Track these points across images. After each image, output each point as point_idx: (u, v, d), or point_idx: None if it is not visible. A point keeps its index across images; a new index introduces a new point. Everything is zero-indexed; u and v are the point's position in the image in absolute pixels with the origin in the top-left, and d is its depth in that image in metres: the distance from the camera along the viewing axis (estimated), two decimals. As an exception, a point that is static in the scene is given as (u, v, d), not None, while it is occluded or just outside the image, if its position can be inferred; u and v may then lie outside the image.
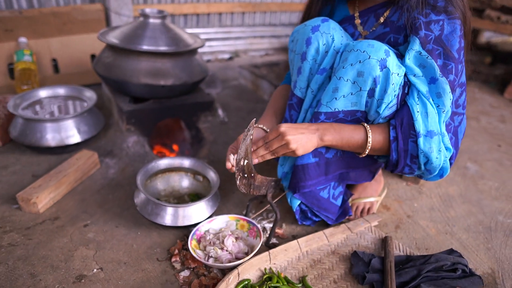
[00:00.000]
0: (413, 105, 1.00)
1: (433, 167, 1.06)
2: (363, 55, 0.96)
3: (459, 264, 1.03)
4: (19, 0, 2.07)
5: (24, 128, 1.43)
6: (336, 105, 1.03)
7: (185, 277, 1.03)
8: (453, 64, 1.00)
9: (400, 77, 0.98)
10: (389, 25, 1.09)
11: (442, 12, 1.00)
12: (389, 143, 1.05)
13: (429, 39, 1.00)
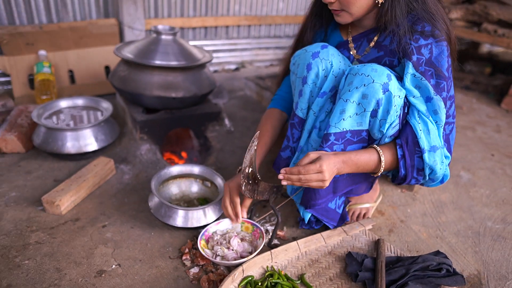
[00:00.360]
0: (416, 124, 1.10)
1: (436, 177, 1.17)
2: (367, 79, 1.07)
3: (444, 264, 1.13)
4: (39, 15, 2.21)
5: (47, 136, 1.56)
6: (344, 125, 1.14)
7: (194, 273, 1.14)
8: (444, 82, 1.11)
9: (401, 99, 1.08)
10: (383, 49, 1.20)
11: (429, 36, 1.11)
12: (397, 161, 1.15)
13: (421, 62, 1.10)
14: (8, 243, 1.20)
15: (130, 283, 1.10)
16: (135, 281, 1.11)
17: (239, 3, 2.86)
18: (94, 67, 2.37)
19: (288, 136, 1.31)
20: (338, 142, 1.14)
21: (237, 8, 2.87)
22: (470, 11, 3.03)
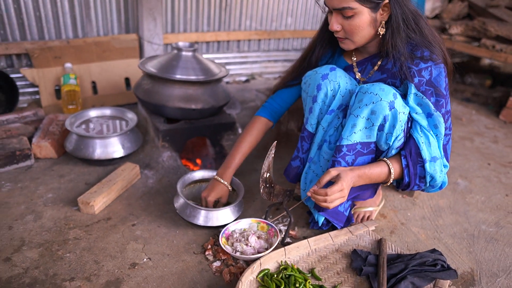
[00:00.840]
0: (418, 137, 1.25)
1: (436, 184, 1.32)
2: (375, 97, 1.22)
3: (439, 260, 1.26)
4: (67, 31, 2.38)
5: (78, 143, 1.72)
6: (355, 138, 1.28)
7: (217, 267, 1.29)
8: (443, 99, 1.26)
9: (405, 115, 1.23)
10: (386, 72, 1.35)
11: (428, 60, 1.26)
12: (403, 170, 1.30)
13: (422, 83, 1.25)
14: (50, 238, 1.35)
15: (160, 274, 1.24)
16: (164, 273, 1.25)
17: (250, 19, 3.03)
18: (115, 79, 2.53)
19: (298, 147, 1.46)
20: (350, 153, 1.29)
21: (248, 23, 3.05)
22: (470, 27, 3.18)
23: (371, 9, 1.25)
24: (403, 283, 1.20)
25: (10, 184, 1.61)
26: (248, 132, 1.53)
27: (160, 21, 2.51)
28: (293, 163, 1.49)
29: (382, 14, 1.27)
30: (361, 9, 1.23)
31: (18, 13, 2.18)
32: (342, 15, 1.26)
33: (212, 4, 2.81)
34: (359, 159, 1.30)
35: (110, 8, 2.46)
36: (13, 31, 2.21)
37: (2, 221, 1.40)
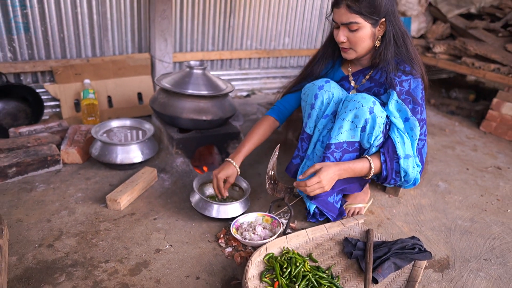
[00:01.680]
0: (395, 138, 1.51)
1: (409, 179, 1.57)
2: (358, 104, 1.47)
3: (417, 245, 1.50)
4: (86, 51, 2.63)
5: (103, 149, 1.94)
6: (341, 137, 1.53)
7: (229, 252, 1.51)
8: (418, 107, 1.52)
9: (383, 118, 1.49)
10: (374, 81, 1.62)
11: (409, 74, 1.53)
12: (381, 165, 1.55)
13: (402, 92, 1.51)
14: (84, 229, 1.57)
15: (181, 258, 1.46)
16: (184, 257, 1.47)
17: (250, 39, 3.31)
18: (129, 94, 2.78)
19: (298, 147, 1.71)
20: (337, 150, 1.53)
21: (249, 43, 3.32)
22: (452, 46, 3.47)
23: (372, 24, 1.52)
24: (386, 263, 1.42)
25: (44, 185, 1.83)
26: (258, 127, 1.77)
27: (171, 41, 2.77)
28: (294, 161, 1.73)
29: (379, 30, 1.55)
30: (365, 24, 1.51)
31: (44, 35, 2.43)
32: (349, 28, 1.53)
33: (217, 26, 3.08)
34: (346, 156, 1.55)
35: (126, 30, 2.72)
36: (39, 51, 2.45)
37: (41, 216, 1.62)
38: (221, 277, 1.39)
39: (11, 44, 2.35)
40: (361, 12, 1.47)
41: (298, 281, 1.33)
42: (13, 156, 1.85)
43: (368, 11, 1.47)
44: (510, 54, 3.18)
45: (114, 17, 2.63)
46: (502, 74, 3.10)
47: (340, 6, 1.50)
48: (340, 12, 1.50)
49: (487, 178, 2.35)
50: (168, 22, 2.70)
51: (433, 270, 1.55)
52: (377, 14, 1.49)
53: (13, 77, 2.43)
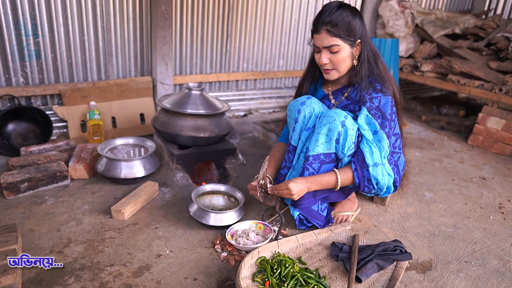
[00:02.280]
0: (364, 148, 1.65)
1: (381, 186, 1.69)
2: (331, 118, 1.63)
3: (398, 247, 1.61)
4: (92, 74, 2.82)
5: (108, 165, 2.09)
6: (318, 150, 1.68)
7: (224, 256, 1.63)
8: (387, 122, 1.66)
9: (354, 131, 1.64)
10: (350, 99, 1.78)
11: (379, 91, 1.69)
12: (353, 174, 1.69)
13: (372, 107, 1.67)
14: (90, 237, 1.70)
15: (180, 262, 1.58)
16: (183, 261, 1.59)
17: (247, 62, 3.50)
18: (132, 115, 2.95)
19: (286, 159, 1.85)
20: (316, 162, 1.69)
21: (245, 66, 3.51)
22: (438, 65, 3.66)
23: (350, 45, 1.70)
24: (369, 264, 1.54)
25: (53, 199, 1.97)
26: (275, 152, 1.96)
27: (171, 65, 2.96)
28: (282, 172, 1.87)
29: (356, 50, 1.72)
30: (344, 45, 1.68)
31: (54, 61, 2.62)
32: (330, 51, 1.70)
33: (214, 50, 3.28)
34: (324, 166, 1.70)
35: (129, 55, 2.91)
36: (49, 75, 2.64)
37: (51, 226, 1.75)
38: (216, 278, 1.51)
39: (24, 70, 2.54)
40: (340, 35, 1.65)
41: (287, 280, 1.44)
42: (24, 172, 2.00)
43: (346, 33, 1.65)
44: (493, 71, 3.35)
45: (118, 43, 2.83)
46: (486, 90, 3.27)
47: (321, 32, 1.67)
48: (321, 37, 1.68)
49: (471, 188, 2.48)
50: (169, 47, 2.89)
51: (416, 271, 1.66)
52: (354, 36, 1.67)
53: (25, 100, 2.60)
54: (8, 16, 2.38)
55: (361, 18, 1.70)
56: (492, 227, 2.05)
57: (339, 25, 1.64)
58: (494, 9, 4.93)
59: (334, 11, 1.64)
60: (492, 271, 1.69)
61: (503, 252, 1.83)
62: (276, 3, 3.47)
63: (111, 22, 2.75)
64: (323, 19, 1.66)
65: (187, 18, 3.06)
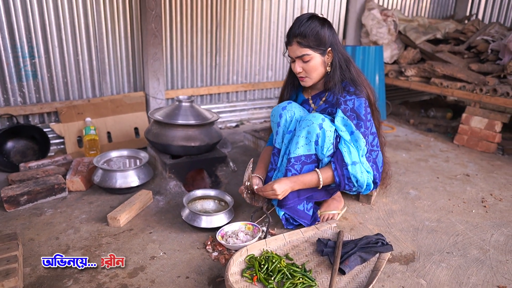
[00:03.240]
0: (342, 148, 1.75)
1: (361, 183, 1.79)
2: (309, 122, 1.74)
3: (380, 239, 1.70)
4: (87, 92, 2.94)
5: (104, 176, 2.19)
6: (299, 151, 1.79)
7: (215, 256, 1.71)
8: (362, 122, 1.77)
9: (332, 132, 1.74)
10: (328, 103, 1.89)
11: (353, 94, 1.80)
12: (333, 173, 1.78)
13: (347, 109, 1.78)
14: (88, 243, 1.78)
15: (173, 262, 1.67)
16: (176, 261, 1.68)
17: (236, 74, 3.63)
18: (126, 129, 3.06)
19: (272, 161, 1.95)
20: (297, 163, 1.78)
21: (235, 78, 3.64)
22: (421, 69, 3.79)
23: (321, 54, 1.81)
24: (353, 257, 1.63)
25: (52, 210, 2.06)
26: (264, 155, 2.09)
27: (163, 80, 3.08)
28: (270, 174, 1.97)
29: (328, 57, 1.83)
30: (314, 54, 1.80)
31: (50, 80, 2.75)
32: (302, 60, 1.82)
33: (204, 65, 3.41)
34: (305, 167, 1.79)
35: (122, 72, 3.04)
36: (46, 94, 2.76)
37: (50, 234, 1.84)
38: (208, 276, 1.60)
39: (21, 89, 2.65)
40: (310, 45, 1.77)
41: (274, 275, 1.53)
42: (24, 186, 2.09)
43: (315, 43, 1.77)
44: (474, 73, 3.48)
45: (112, 61, 2.96)
46: (467, 91, 3.39)
47: (292, 44, 1.81)
48: (293, 48, 1.81)
49: (455, 185, 2.57)
50: (160, 63, 3.02)
51: (399, 263, 1.74)
52: (323, 45, 1.79)
53: (23, 119, 2.71)
54: (6, 40, 2.51)
55: (330, 27, 1.82)
56: (474, 220, 2.14)
57: (308, 36, 1.76)
58: (476, 14, 5.10)
59: (303, 23, 1.76)
60: (473, 260, 1.77)
61: (484, 242, 1.91)
62: (262, 17, 3.62)
63: (104, 41, 2.88)
64: (293, 31, 1.78)
65: (176, 35, 3.19)
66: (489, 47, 3.65)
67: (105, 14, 2.84)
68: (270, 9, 3.66)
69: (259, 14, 3.60)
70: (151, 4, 2.84)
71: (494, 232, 2.01)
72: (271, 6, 3.65)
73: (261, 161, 2.06)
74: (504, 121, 3.16)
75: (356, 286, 1.54)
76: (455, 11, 5.17)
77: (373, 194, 2.23)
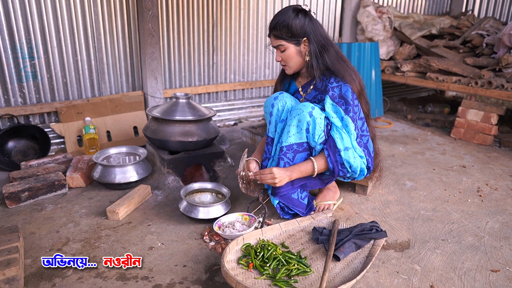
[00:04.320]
0: (334, 134, 1.78)
1: (355, 168, 1.82)
2: (300, 110, 1.77)
3: (374, 226, 1.73)
4: (86, 92, 2.98)
5: (103, 172, 2.22)
6: (290, 140, 1.82)
7: (212, 246, 1.74)
8: (350, 107, 1.80)
9: (322, 119, 1.77)
10: (317, 90, 1.92)
11: (340, 81, 1.83)
12: (327, 161, 1.81)
13: (335, 96, 1.81)
14: (88, 236, 1.81)
15: (171, 252, 1.70)
16: (174, 251, 1.71)
17: (234, 73, 3.67)
18: (125, 128, 3.09)
19: (266, 151, 1.98)
20: (289, 151, 1.82)
21: (233, 77, 3.68)
22: (417, 64, 3.82)
23: (295, 44, 1.87)
24: (347, 243, 1.65)
25: (52, 206, 2.09)
26: (261, 143, 2.14)
27: (161, 79, 3.12)
28: (264, 163, 2.00)
29: (304, 47, 1.88)
30: (288, 45, 1.87)
31: (50, 81, 2.79)
32: (279, 50, 1.90)
33: (202, 64, 3.45)
34: (297, 155, 1.83)
35: (120, 71, 3.08)
36: (46, 95, 2.80)
37: (51, 228, 1.87)
38: (204, 264, 1.63)
39: (21, 90, 2.70)
40: (283, 37, 1.85)
41: (270, 262, 1.56)
42: (25, 183, 2.13)
43: (288, 35, 1.85)
44: (469, 67, 3.51)
45: (110, 61, 3.00)
46: (463, 84, 3.41)
47: (270, 36, 1.92)
48: (271, 40, 1.92)
49: (451, 176, 2.59)
50: (157, 62, 3.06)
51: (394, 250, 1.76)
52: (296, 36, 1.85)
53: (23, 119, 2.76)
54: (6, 42, 2.56)
55: (306, 17, 1.84)
56: (469, 208, 2.16)
57: (280, 28, 1.84)
58: (472, 10, 5.13)
59: (277, 16, 1.86)
60: (467, 246, 1.79)
61: (479, 230, 1.94)
62: (258, 16, 3.66)
63: (102, 42, 2.93)
64: (270, 25, 1.90)
65: (173, 34, 3.24)
66: (484, 41, 3.68)
67: (102, 15, 2.89)
68: (266, 8, 3.70)
69: (255, 13, 3.64)
70: (147, 4, 2.89)
71: (489, 219, 2.04)
72: (267, 5, 3.69)
73: (259, 148, 2.12)
74: (500, 113, 3.18)
75: (350, 271, 1.56)
76: (450, 7, 5.20)
77: (369, 185, 2.26)
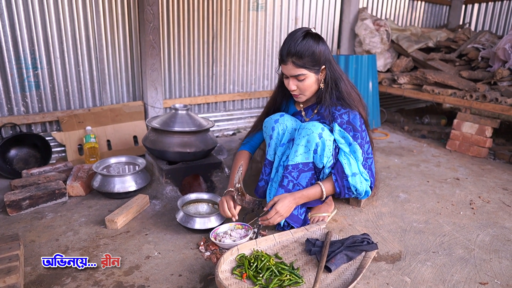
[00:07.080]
0: (342, 160, 1.83)
1: (360, 192, 1.88)
2: (309, 131, 1.81)
3: (365, 238, 1.77)
4: (87, 101, 3.04)
5: (103, 181, 2.27)
6: (297, 159, 1.86)
7: (208, 255, 1.78)
8: (358, 133, 1.85)
9: (331, 141, 1.82)
10: (320, 115, 1.96)
11: (347, 108, 1.87)
12: (334, 185, 1.86)
13: (343, 122, 1.86)
14: (86, 244, 1.86)
15: (167, 262, 1.74)
16: (170, 261, 1.75)
17: (233, 83, 3.73)
18: (125, 137, 3.15)
19: (262, 172, 2.03)
20: (294, 170, 1.86)
21: (232, 87, 3.74)
22: (414, 77, 3.88)
23: (315, 72, 1.86)
24: (339, 255, 1.70)
25: (52, 214, 2.14)
26: (238, 161, 2.08)
27: (161, 90, 3.19)
28: (260, 184, 2.05)
29: (321, 75, 1.88)
30: (309, 74, 1.84)
31: (52, 90, 2.85)
32: (297, 79, 1.85)
33: (201, 75, 3.52)
34: (302, 175, 1.86)
35: (121, 82, 3.14)
36: (48, 104, 2.86)
37: (51, 236, 1.92)
38: (200, 274, 1.67)
39: (24, 99, 2.76)
40: (305, 66, 1.80)
41: (263, 272, 1.60)
42: (26, 191, 2.18)
43: (311, 64, 1.80)
44: (464, 80, 3.57)
45: (111, 72, 3.07)
46: (458, 97, 3.47)
47: (287, 63, 1.80)
48: (288, 67, 1.81)
49: (445, 188, 2.64)
50: (158, 73, 3.12)
51: (385, 262, 1.80)
52: (318, 64, 1.82)
53: (25, 127, 2.81)
54: (10, 52, 2.63)
55: (324, 43, 1.83)
56: (461, 221, 2.20)
57: (304, 56, 1.76)
58: (469, 23, 5.21)
59: (299, 43, 1.74)
60: (457, 258, 1.83)
61: (469, 242, 1.98)
62: (257, 28, 3.73)
63: (104, 53, 3.00)
64: (288, 50, 1.76)
65: (174, 46, 3.31)
66: (479, 55, 3.74)
67: (105, 26, 2.96)
68: (265, 20, 3.78)
69: (254, 25, 3.72)
70: (149, 16, 2.96)
71: (480, 232, 2.08)
72: (266, 17, 3.77)
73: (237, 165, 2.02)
74: (495, 126, 3.23)
75: (341, 283, 1.60)
76: (448, 20, 5.28)
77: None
